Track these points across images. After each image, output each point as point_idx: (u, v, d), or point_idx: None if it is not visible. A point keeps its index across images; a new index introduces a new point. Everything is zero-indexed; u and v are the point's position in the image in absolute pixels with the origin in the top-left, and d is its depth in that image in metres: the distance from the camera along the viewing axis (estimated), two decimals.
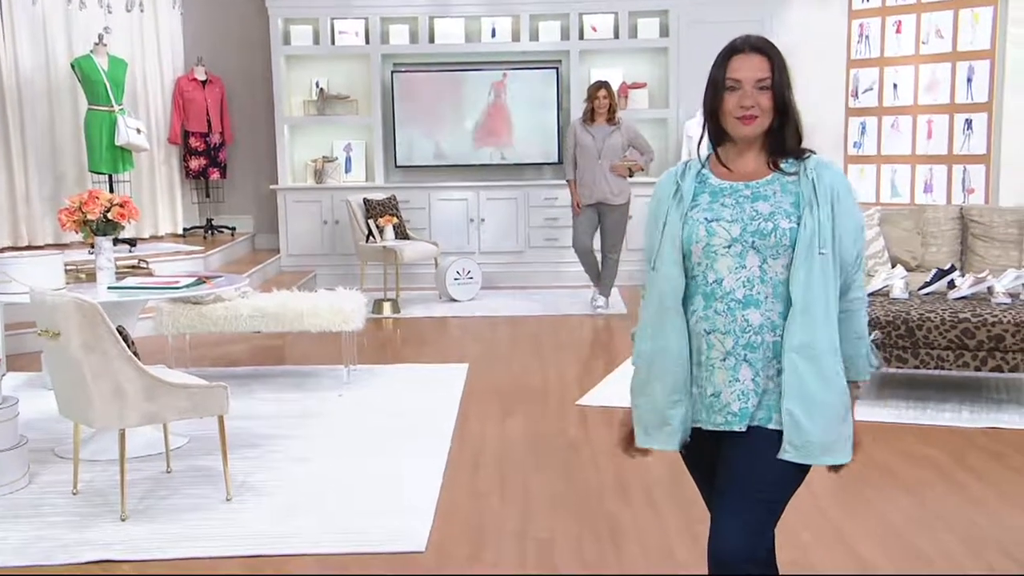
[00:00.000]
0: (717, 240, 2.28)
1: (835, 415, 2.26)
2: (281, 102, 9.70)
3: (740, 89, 2.29)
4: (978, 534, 3.68)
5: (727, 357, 2.28)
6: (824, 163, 2.33)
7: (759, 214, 2.27)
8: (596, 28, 9.63)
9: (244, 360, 6.77)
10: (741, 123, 2.29)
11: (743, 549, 2.24)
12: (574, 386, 5.89)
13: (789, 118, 2.31)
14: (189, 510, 4.05)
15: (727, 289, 2.28)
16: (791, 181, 2.30)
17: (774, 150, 2.33)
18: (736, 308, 2.27)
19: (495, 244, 9.61)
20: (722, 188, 2.33)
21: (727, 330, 2.28)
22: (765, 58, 2.31)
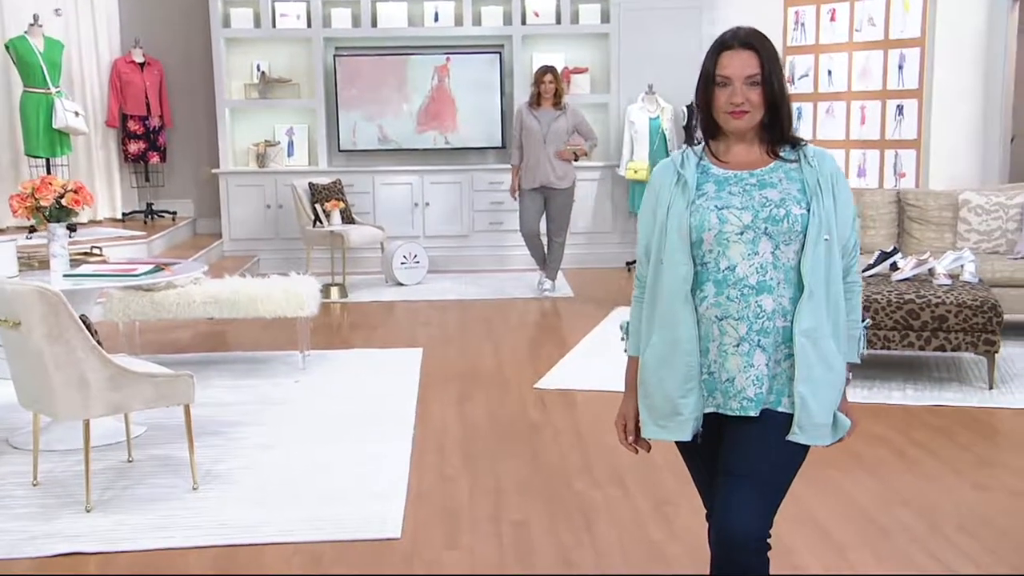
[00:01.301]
0: (729, 227, 2.31)
1: (836, 397, 2.35)
2: (222, 85, 9.57)
3: (730, 85, 2.32)
4: (934, 509, 3.82)
5: (741, 343, 2.31)
6: (821, 152, 2.39)
7: (769, 201, 2.31)
8: (538, 13, 9.67)
9: (192, 346, 6.71)
10: (732, 117, 2.33)
11: (755, 529, 2.30)
12: (529, 369, 5.95)
13: (781, 111, 2.35)
14: (155, 500, 4.02)
15: (740, 275, 2.31)
16: (793, 168, 2.36)
17: (772, 139, 2.38)
18: (750, 294, 2.30)
19: (440, 228, 9.62)
20: (727, 177, 2.37)
21: (740, 316, 2.31)
22: (754, 54, 2.33)
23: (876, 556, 3.43)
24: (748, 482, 2.31)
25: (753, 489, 2.31)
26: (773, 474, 2.34)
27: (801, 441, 2.32)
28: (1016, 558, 3.41)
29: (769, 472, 2.33)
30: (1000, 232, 6.76)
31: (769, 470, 2.33)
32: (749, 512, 2.29)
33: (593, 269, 9.39)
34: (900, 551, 3.47)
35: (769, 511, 2.34)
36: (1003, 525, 3.68)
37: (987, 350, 5.38)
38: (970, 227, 6.83)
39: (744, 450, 2.33)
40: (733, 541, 2.30)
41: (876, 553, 3.45)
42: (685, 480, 4.09)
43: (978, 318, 5.34)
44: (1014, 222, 6.74)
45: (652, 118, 9.23)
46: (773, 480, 2.34)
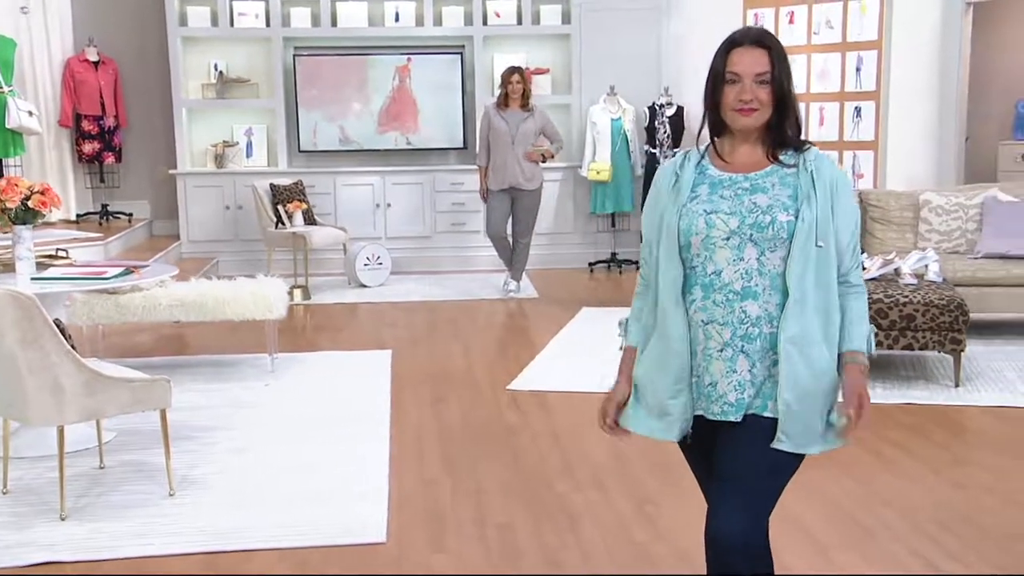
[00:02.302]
0: (716, 232, 2.31)
1: (824, 405, 2.33)
2: (178, 85, 9.44)
3: (740, 82, 2.31)
4: (915, 508, 3.86)
5: (724, 348, 2.32)
6: (823, 156, 2.37)
7: (757, 207, 2.31)
8: (499, 14, 9.66)
9: (157, 350, 6.60)
10: (740, 114, 2.32)
11: (740, 533, 2.29)
12: (501, 371, 5.94)
13: (788, 110, 2.34)
14: (131, 507, 3.94)
15: (725, 281, 2.31)
16: (790, 173, 2.34)
17: (774, 142, 2.36)
18: (734, 300, 2.31)
19: (402, 229, 9.57)
20: (721, 180, 2.37)
21: (725, 321, 2.32)
22: (765, 51, 2.33)
23: (862, 556, 3.46)
24: (734, 487, 2.32)
25: (739, 494, 2.31)
26: (759, 479, 2.33)
27: (786, 449, 2.31)
28: (999, 556, 3.46)
29: (755, 477, 2.32)
30: (960, 232, 6.87)
31: (755, 475, 2.32)
32: (735, 516, 2.30)
33: (556, 270, 9.39)
34: (885, 551, 3.50)
35: (756, 514, 2.33)
36: (983, 523, 3.73)
37: (953, 349, 5.46)
38: (931, 227, 6.93)
39: (731, 455, 2.34)
40: (720, 545, 2.32)
41: (862, 553, 3.48)
42: (664, 480, 4.15)
43: (945, 317, 5.42)
44: (974, 222, 6.85)
45: (614, 119, 9.26)
46: (760, 485, 2.34)
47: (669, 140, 9.14)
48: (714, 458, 2.39)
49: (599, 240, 9.66)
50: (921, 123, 8.71)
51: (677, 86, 9.40)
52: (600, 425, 2.54)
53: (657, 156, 9.16)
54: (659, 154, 9.15)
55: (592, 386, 5.56)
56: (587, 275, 9.27)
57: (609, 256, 9.51)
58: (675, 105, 9.21)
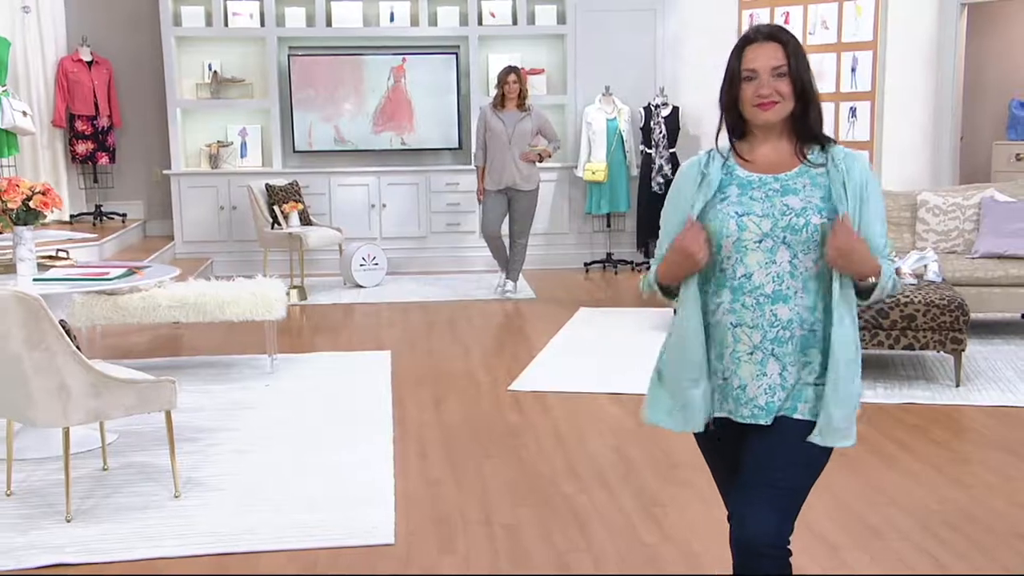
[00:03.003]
0: (748, 235, 2.29)
1: (856, 401, 2.35)
2: (173, 85, 9.39)
3: (757, 78, 2.29)
4: (920, 506, 3.88)
5: (754, 351, 2.31)
6: (852, 155, 2.34)
7: (790, 209, 2.28)
8: (495, 14, 9.64)
9: (154, 351, 6.58)
10: (760, 109, 2.29)
11: (772, 535, 2.29)
12: (501, 371, 5.93)
13: (811, 102, 2.31)
14: (137, 508, 3.92)
15: (756, 284, 2.30)
16: (819, 173, 2.32)
17: (801, 136, 2.34)
18: (765, 303, 2.29)
19: (397, 230, 9.55)
20: (751, 181, 2.34)
21: (755, 324, 2.30)
22: (779, 45, 2.30)
23: (871, 556, 3.47)
24: (763, 490, 2.31)
25: (768, 497, 2.30)
26: (788, 481, 2.33)
27: (819, 443, 2.31)
28: (1006, 555, 3.47)
29: (783, 479, 2.32)
30: (958, 232, 6.89)
31: (783, 478, 2.32)
32: (767, 518, 2.29)
33: (552, 270, 9.39)
34: (893, 550, 3.51)
35: (787, 516, 2.34)
36: (989, 522, 3.74)
37: (954, 348, 5.48)
38: (928, 227, 6.96)
39: (759, 458, 2.33)
40: (749, 548, 2.31)
41: (871, 553, 3.49)
42: (669, 481, 4.15)
43: (946, 317, 5.43)
44: (971, 222, 6.88)
45: (609, 119, 9.26)
46: (788, 487, 2.33)
47: (665, 140, 9.14)
48: (741, 461, 2.37)
49: (595, 240, 9.66)
50: (916, 123, 8.74)
51: (673, 86, 9.42)
52: (693, 242, 2.30)
53: (653, 156, 9.16)
54: (655, 154, 9.15)
55: (593, 387, 5.57)
56: (583, 275, 9.27)
57: (605, 256, 9.51)
58: (671, 105, 9.22)
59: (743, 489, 2.34)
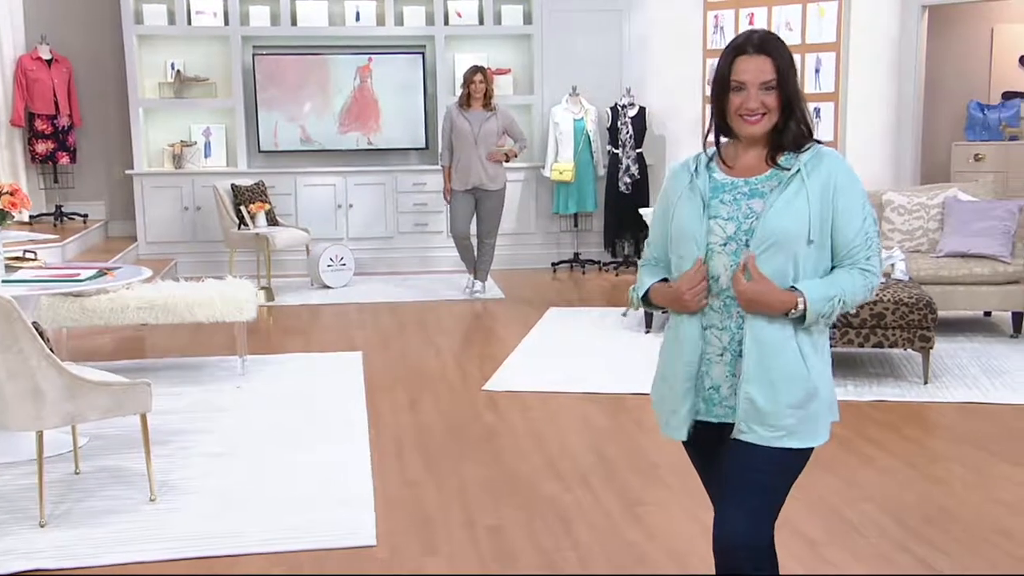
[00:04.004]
0: (713, 238, 2.32)
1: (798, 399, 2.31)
2: (134, 84, 9.27)
3: (745, 91, 2.30)
4: (898, 503, 3.92)
5: (724, 352, 2.34)
6: (823, 153, 2.32)
7: (753, 212, 2.30)
8: (461, 14, 9.62)
9: (120, 353, 6.48)
10: (746, 123, 2.31)
11: (743, 535, 2.32)
12: (475, 371, 5.92)
13: (795, 115, 2.32)
14: (112, 512, 3.87)
15: (723, 286, 2.32)
16: (790, 176, 2.30)
17: (776, 146, 2.34)
18: (732, 305, 2.32)
19: (364, 230, 9.50)
20: (723, 184, 2.36)
21: (723, 326, 2.33)
22: (769, 59, 2.30)
23: (852, 553, 3.49)
24: (737, 490, 2.34)
25: (742, 496, 2.33)
26: (763, 482, 2.34)
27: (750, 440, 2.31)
28: (985, 549, 3.52)
29: (755, 478, 2.33)
30: (922, 231, 6.98)
31: (758, 479, 2.33)
32: (738, 518, 2.32)
33: (519, 270, 9.39)
34: (873, 547, 3.54)
35: (760, 516, 2.36)
36: (964, 517, 3.79)
37: (923, 346, 5.54)
38: (893, 226, 7.04)
39: (733, 459, 2.35)
40: (726, 548, 2.35)
41: (851, 550, 3.52)
42: (650, 480, 4.17)
43: (914, 315, 5.50)
44: (935, 221, 6.97)
45: (576, 120, 9.28)
46: (763, 488, 2.35)
47: (632, 141, 9.17)
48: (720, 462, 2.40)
49: (562, 240, 9.67)
50: (879, 124, 8.85)
51: (639, 87, 9.45)
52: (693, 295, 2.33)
53: (619, 157, 9.19)
54: (621, 155, 9.18)
55: (567, 386, 5.57)
56: (550, 275, 9.28)
57: (572, 256, 9.52)
58: (637, 106, 9.25)
59: (721, 490, 2.39)
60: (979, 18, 9.70)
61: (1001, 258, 6.56)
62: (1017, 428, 4.85)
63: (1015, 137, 9.46)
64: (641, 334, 6.72)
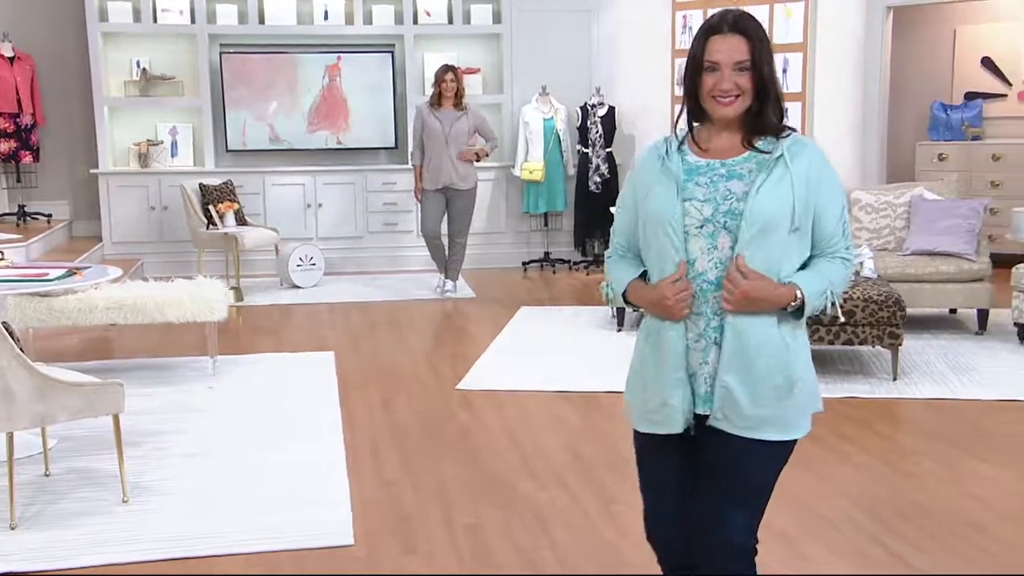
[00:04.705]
0: (689, 220, 2.26)
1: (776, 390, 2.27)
2: (99, 82, 9.16)
3: (718, 71, 2.24)
4: (870, 497, 3.96)
5: (699, 339, 2.28)
6: (802, 141, 2.30)
7: (732, 193, 2.24)
8: (430, 13, 9.60)
9: (87, 354, 6.40)
10: (720, 105, 2.26)
11: (741, 533, 2.33)
12: (448, 371, 5.91)
13: (769, 97, 2.27)
14: (85, 514, 3.82)
15: (699, 270, 2.26)
16: (768, 160, 2.26)
17: (753, 130, 2.29)
18: (708, 289, 2.26)
19: (333, 230, 9.45)
20: (698, 166, 2.30)
21: (699, 311, 2.27)
22: (744, 39, 2.25)
23: (828, 548, 3.53)
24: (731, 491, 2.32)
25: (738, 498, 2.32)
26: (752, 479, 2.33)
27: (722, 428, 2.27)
28: (957, 543, 3.56)
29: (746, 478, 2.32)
30: (889, 230, 7.06)
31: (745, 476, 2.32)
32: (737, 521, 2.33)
33: (490, 269, 9.38)
34: (849, 541, 3.57)
35: (756, 517, 2.37)
36: (936, 511, 3.83)
37: (892, 343, 5.60)
38: (861, 225, 7.11)
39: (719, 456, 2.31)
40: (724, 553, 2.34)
41: (827, 545, 3.55)
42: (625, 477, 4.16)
43: (883, 312, 5.55)
44: (902, 220, 7.05)
45: (546, 119, 9.29)
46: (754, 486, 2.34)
47: (601, 140, 9.19)
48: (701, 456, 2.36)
49: (532, 240, 9.68)
50: (845, 124, 8.92)
51: (609, 86, 9.48)
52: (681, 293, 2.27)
53: (589, 156, 9.21)
54: (591, 154, 9.20)
55: (540, 385, 5.58)
56: (521, 275, 9.28)
57: (543, 256, 9.53)
58: (607, 105, 9.28)
59: (708, 493, 2.34)
60: (942, 20, 9.81)
61: (966, 256, 6.65)
62: (984, 424, 4.91)
63: (977, 137, 9.58)
64: (613, 332, 6.74)
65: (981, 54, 9.68)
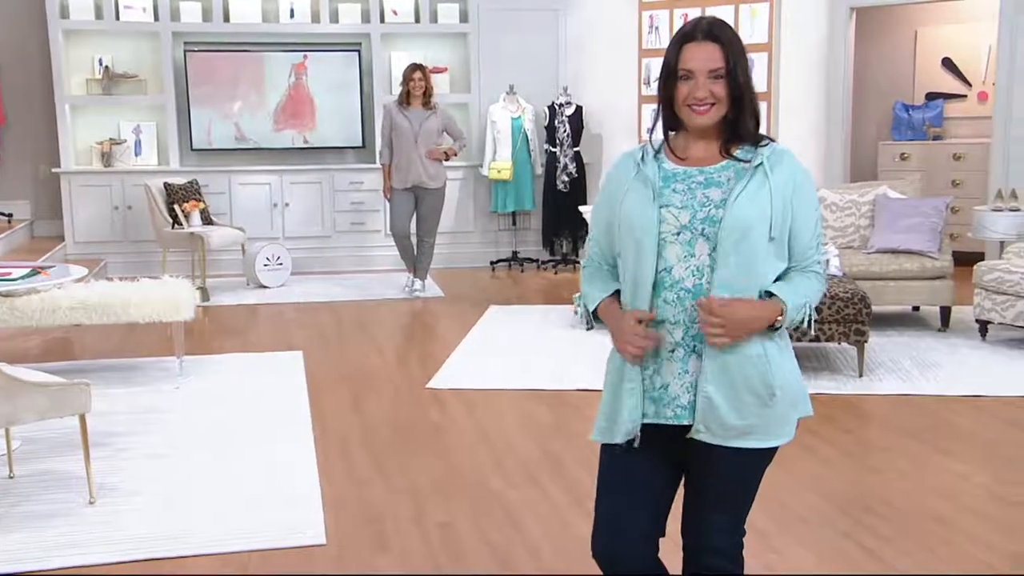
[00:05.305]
0: (666, 227, 2.22)
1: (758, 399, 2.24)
2: (61, 80, 9.06)
3: (693, 79, 2.21)
4: (839, 493, 4.00)
5: (676, 348, 2.23)
6: (781, 152, 2.27)
7: (710, 200, 2.21)
8: (397, 12, 9.58)
9: (50, 355, 6.33)
10: (695, 113, 2.23)
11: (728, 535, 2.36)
12: (418, 370, 5.90)
13: (745, 106, 2.25)
14: (52, 516, 3.78)
15: (676, 278, 2.22)
16: (746, 168, 2.24)
17: (730, 138, 2.27)
18: (686, 298, 2.21)
19: (301, 229, 9.41)
20: (675, 173, 2.27)
21: (676, 320, 2.22)
22: (719, 46, 2.21)
23: (799, 542, 3.56)
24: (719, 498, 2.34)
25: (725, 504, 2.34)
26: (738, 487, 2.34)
27: (704, 440, 2.25)
28: (924, 537, 3.60)
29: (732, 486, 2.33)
30: (854, 228, 7.13)
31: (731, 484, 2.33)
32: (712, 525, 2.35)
33: (458, 269, 9.38)
34: (819, 535, 3.61)
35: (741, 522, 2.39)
36: (903, 505, 3.88)
37: (858, 340, 5.66)
38: (827, 223, 7.17)
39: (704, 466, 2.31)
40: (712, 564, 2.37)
41: (798, 539, 3.58)
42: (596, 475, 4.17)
43: (849, 309, 5.61)
44: (866, 218, 7.12)
45: (514, 118, 9.30)
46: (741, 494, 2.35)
47: (569, 139, 9.22)
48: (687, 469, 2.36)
49: (500, 239, 9.69)
50: (809, 123, 9.01)
51: (576, 86, 9.50)
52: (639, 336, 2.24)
53: (557, 155, 9.23)
54: (559, 153, 9.22)
55: (510, 383, 5.58)
56: (490, 274, 9.29)
57: (511, 255, 9.54)
58: (574, 104, 9.31)
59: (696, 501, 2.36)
60: (904, 21, 9.92)
61: (929, 254, 6.74)
62: (948, 419, 4.98)
63: (938, 137, 9.70)
64: (582, 331, 6.76)
65: (942, 55, 9.80)
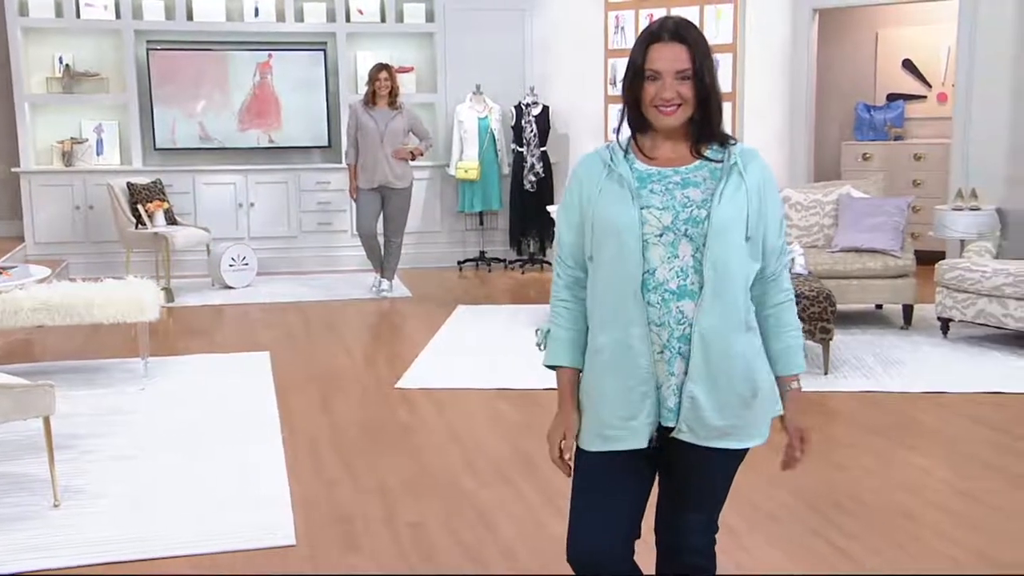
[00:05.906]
0: (648, 228, 2.18)
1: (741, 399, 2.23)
2: (20, 79, 8.95)
3: (659, 80, 2.19)
4: (807, 490, 4.02)
5: (663, 350, 2.20)
6: (750, 151, 2.27)
7: (691, 201, 2.18)
8: (362, 11, 9.55)
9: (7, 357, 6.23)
10: (661, 114, 2.20)
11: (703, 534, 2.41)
12: (386, 370, 5.88)
13: (712, 106, 2.23)
14: (15, 519, 3.73)
15: (660, 280, 2.18)
16: (718, 168, 2.23)
17: (698, 138, 2.25)
18: (670, 299, 2.18)
19: (266, 229, 9.35)
20: (650, 174, 2.23)
21: (662, 322, 2.19)
22: (685, 47, 2.19)
23: (768, 539, 3.58)
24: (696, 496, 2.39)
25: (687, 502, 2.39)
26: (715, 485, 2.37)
27: (687, 439, 2.23)
28: (892, 532, 3.64)
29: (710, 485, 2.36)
30: (818, 227, 7.19)
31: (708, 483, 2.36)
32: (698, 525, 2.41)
33: (425, 269, 9.37)
34: (788, 532, 3.64)
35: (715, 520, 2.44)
36: (870, 501, 3.92)
37: (823, 338, 5.70)
38: (791, 222, 7.23)
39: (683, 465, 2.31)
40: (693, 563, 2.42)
41: (768, 536, 3.61)
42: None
43: (815, 307, 5.66)
44: (830, 218, 7.19)
45: (481, 118, 9.30)
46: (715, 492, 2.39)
47: (536, 139, 9.23)
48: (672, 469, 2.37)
49: (467, 239, 9.68)
50: (773, 123, 9.09)
51: (542, 86, 9.52)
52: (556, 461, 2.37)
53: (524, 155, 9.24)
54: (526, 153, 9.23)
55: (482, 382, 5.58)
56: (457, 274, 9.28)
57: (478, 255, 9.54)
58: (541, 104, 9.32)
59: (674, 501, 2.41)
60: (865, 22, 10.03)
61: (892, 252, 6.81)
62: (912, 415, 5.03)
63: (899, 137, 9.81)
64: None
65: (902, 56, 9.92)
